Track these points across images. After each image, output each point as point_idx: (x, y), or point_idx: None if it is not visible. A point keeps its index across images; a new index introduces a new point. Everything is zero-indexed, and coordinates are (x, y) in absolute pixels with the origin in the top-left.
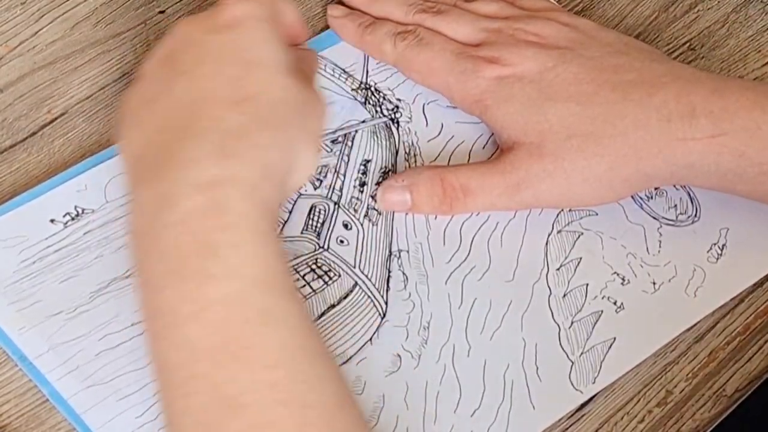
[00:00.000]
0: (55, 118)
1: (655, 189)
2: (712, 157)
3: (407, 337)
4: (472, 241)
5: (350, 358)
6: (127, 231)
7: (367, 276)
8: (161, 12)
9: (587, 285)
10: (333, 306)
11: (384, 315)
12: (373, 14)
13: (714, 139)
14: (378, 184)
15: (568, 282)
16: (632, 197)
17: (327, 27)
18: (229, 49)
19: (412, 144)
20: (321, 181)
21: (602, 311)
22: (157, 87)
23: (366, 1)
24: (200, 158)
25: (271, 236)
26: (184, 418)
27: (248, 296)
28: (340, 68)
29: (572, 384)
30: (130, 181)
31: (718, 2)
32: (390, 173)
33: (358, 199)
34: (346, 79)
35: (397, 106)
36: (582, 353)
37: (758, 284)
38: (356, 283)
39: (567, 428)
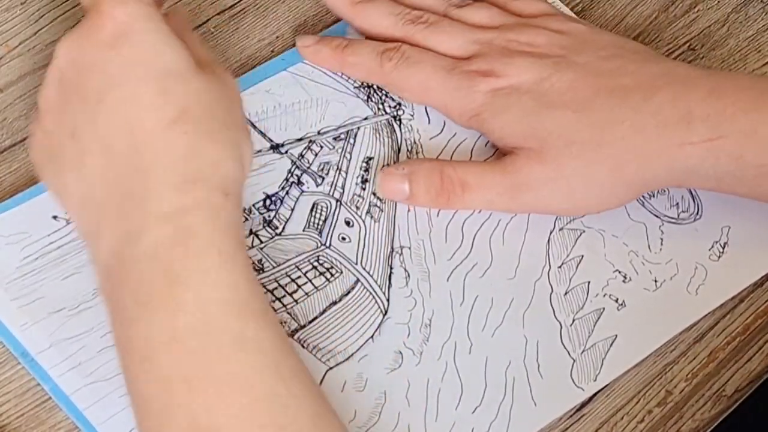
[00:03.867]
0: None
1: None
2: (711, 161)
3: (409, 334)
4: (473, 239)
5: (352, 355)
6: (94, 276)
7: (369, 273)
8: None
9: (589, 283)
10: (335, 303)
11: (386, 312)
12: (358, 23)
13: (712, 142)
14: None
15: (570, 279)
16: None
17: (325, 27)
18: (134, 63)
19: (414, 141)
20: (323, 179)
21: (604, 309)
22: (72, 123)
23: (350, 9)
24: (159, 189)
25: (239, 256)
26: None
27: (219, 323)
28: None
29: (574, 381)
30: (82, 228)
31: (718, 2)
32: None
33: (360, 196)
34: (349, 77)
35: (400, 104)
36: (583, 351)
37: (758, 284)
38: (358, 280)
39: (567, 428)
